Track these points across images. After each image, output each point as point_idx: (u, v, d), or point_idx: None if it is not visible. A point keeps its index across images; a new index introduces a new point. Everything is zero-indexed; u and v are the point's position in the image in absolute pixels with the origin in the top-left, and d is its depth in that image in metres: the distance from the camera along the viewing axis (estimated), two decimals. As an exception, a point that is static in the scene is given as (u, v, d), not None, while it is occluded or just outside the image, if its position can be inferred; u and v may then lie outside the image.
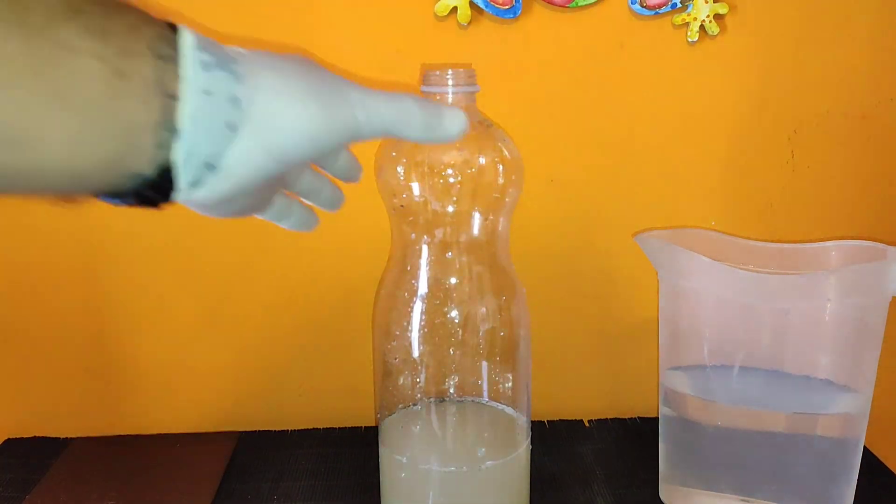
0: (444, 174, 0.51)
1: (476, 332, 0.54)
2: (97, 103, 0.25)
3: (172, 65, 0.27)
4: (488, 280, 0.54)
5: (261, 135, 0.29)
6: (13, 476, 0.66)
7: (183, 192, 0.29)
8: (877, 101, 0.70)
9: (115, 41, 0.26)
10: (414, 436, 0.55)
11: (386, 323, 0.54)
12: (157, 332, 0.72)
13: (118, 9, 0.27)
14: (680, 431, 0.59)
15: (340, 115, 0.32)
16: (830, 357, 0.56)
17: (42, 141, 0.24)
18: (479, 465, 0.52)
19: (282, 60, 0.31)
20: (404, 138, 0.36)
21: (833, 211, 0.72)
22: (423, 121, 0.35)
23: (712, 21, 0.66)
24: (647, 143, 0.70)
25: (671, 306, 0.59)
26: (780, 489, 0.56)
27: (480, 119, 0.52)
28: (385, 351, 0.55)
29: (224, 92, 0.28)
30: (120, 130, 0.26)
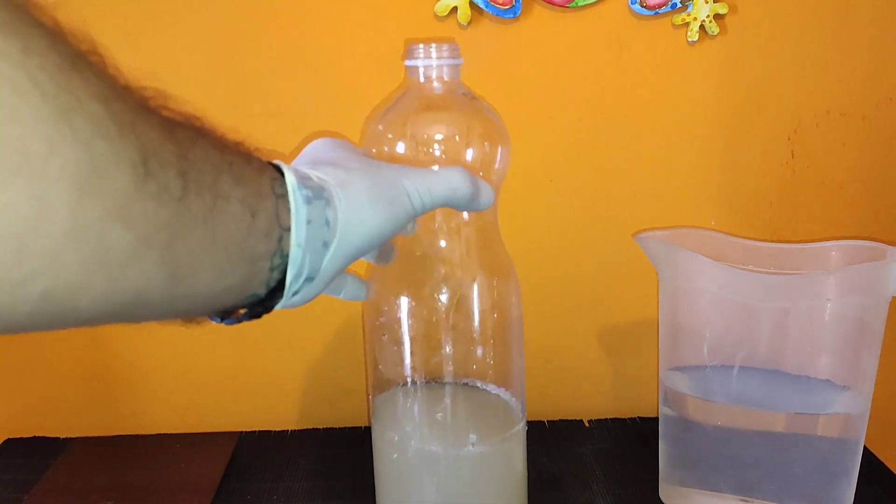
0: (430, 148, 0.50)
1: (467, 310, 0.53)
2: (237, 240, 0.29)
3: (285, 201, 0.31)
4: (477, 256, 0.53)
5: (344, 244, 0.34)
6: (13, 476, 0.66)
7: (284, 301, 0.34)
8: (877, 101, 0.70)
9: (252, 185, 0.30)
10: (405, 418, 0.55)
11: (375, 302, 0.53)
12: (156, 332, 0.72)
13: (248, 156, 0.31)
14: (680, 431, 0.59)
15: (401, 208, 0.37)
16: (830, 357, 0.55)
17: (196, 274, 0.28)
18: (472, 445, 0.52)
19: (349, 173, 0.36)
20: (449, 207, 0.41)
21: (833, 211, 0.72)
22: (468, 196, 0.40)
23: (712, 21, 0.66)
24: (646, 143, 0.70)
25: (671, 306, 0.59)
26: (780, 489, 0.56)
27: (465, 91, 0.52)
28: (374, 330, 0.54)
29: (321, 218, 0.33)
30: (249, 261, 0.30)
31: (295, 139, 0.68)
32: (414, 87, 0.52)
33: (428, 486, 0.53)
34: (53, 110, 0.21)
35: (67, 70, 0.22)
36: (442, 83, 0.51)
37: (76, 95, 0.22)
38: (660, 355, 0.61)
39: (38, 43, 0.22)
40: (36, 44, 0.22)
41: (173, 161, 0.26)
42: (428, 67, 0.50)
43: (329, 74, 0.66)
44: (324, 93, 0.67)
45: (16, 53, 0.21)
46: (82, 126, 0.22)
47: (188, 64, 0.66)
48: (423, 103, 0.51)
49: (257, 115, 0.67)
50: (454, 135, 0.51)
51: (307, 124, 0.67)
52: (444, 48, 0.50)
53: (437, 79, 0.51)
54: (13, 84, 0.21)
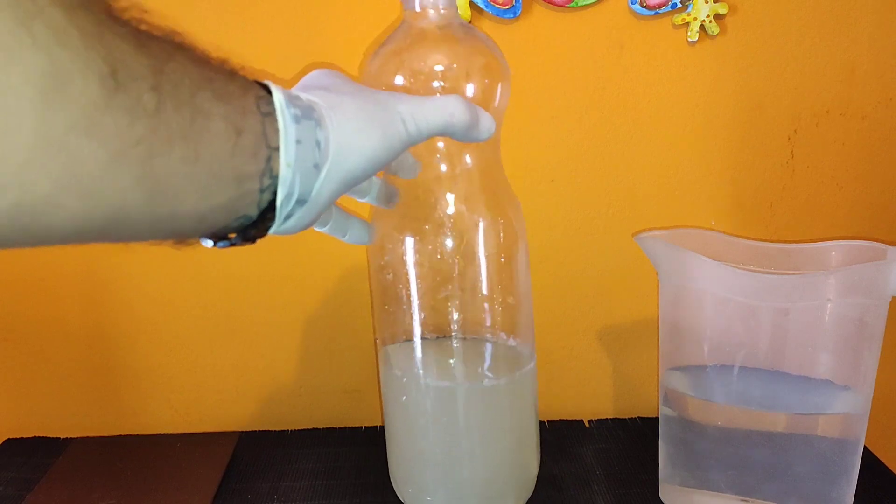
0: (429, 80, 0.49)
1: (473, 250, 0.52)
2: (221, 158, 0.28)
3: (272, 119, 0.31)
4: (482, 195, 0.52)
5: (336, 168, 0.34)
6: (13, 476, 0.66)
7: (278, 225, 0.33)
8: (877, 101, 0.70)
9: (235, 102, 0.29)
10: (415, 357, 0.54)
11: (379, 242, 0.53)
12: (157, 332, 0.72)
13: (232, 73, 0.30)
14: (680, 431, 0.59)
15: (395, 133, 0.36)
16: (830, 357, 0.55)
17: (179, 193, 0.27)
18: (482, 381, 0.51)
19: (340, 96, 0.35)
20: (447, 136, 0.40)
21: (833, 211, 0.72)
22: (466, 124, 0.39)
23: (712, 21, 0.66)
24: (646, 143, 0.70)
25: (671, 306, 0.59)
26: (780, 489, 0.56)
27: (461, 22, 0.51)
28: (379, 269, 0.53)
29: (311, 138, 0.32)
30: (236, 180, 0.29)
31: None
32: (409, 18, 0.50)
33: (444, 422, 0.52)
34: (12, 17, 0.21)
35: None
36: (438, 13, 0.49)
37: (37, 3, 0.22)
38: (660, 355, 0.61)
39: None
40: None
41: (146, 74, 0.25)
42: (423, 3, 0.48)
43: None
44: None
45: None
46: (42, 33, 0.22)
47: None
48: (420, 34, 0.49)
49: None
50: (452, 66, 0.49)
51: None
52: None
53: (432, 6, 0.49)
54: None
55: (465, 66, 0.50)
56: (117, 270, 0.71)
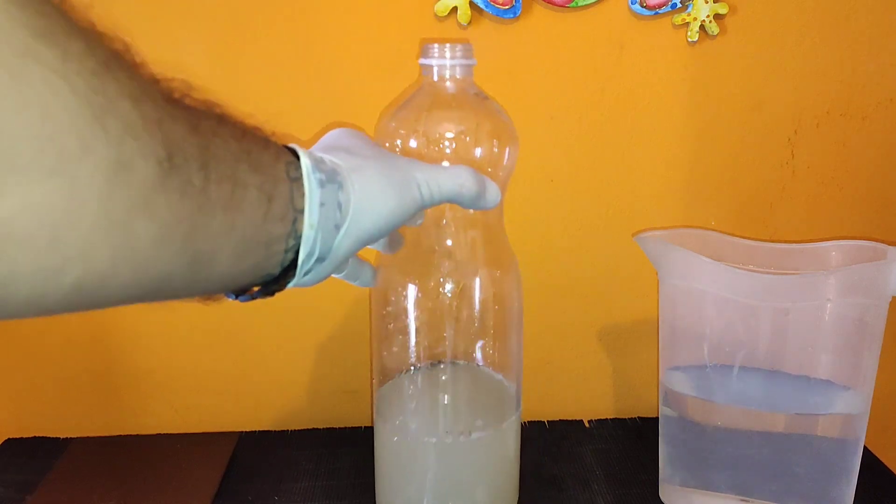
0: (441, 144, 0.52)
1: (469, 303, 0.54)
2: (255, 224, 0.30)
3: (299, 184, 0.32)
4: (482, 250, 0.55)
5: (355, 228, 0.35)
6: (13, 476, 0.66)
7: (297, 280, 0.34)
8: (877, 101, 0.70)
9: (268, 171, 0.31)
10: (406, 405, 0.56)
11: (382, 291, 0.55)
12: (157, 332, 0.72)
13: (265, 142, 0.32)
14: (680, 431, 0.59)
15: (410, 197, 0.38)
16: (830, 357, 0.56)
17: (215, 258, 0.29)
18: (468, 434, 0.53)
19: (362, 160, 0.37)
20: (456, 203, 0.42)
21: (833, 211, 0.72)
22: (474, 194, 0.42)
23: (712, 21, 0.66)
24: (646, 143, 0.70)
25: (671, 306, 0.59)
26: (780, 489, 0.56)
27: (476, 91, 0.53)
28: (381, 318, 0.55)
29: (333, 201, 0.34)
30: (265, 243, 0.31)
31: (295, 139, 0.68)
32: (427, 85, 0.53)
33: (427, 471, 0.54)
34: (88, 112, 0.23)
35: (102, 73, 0.24)
36: (455, 82, 0.52)
37: (109, 97, 0.23)
38: (660, 355, 0.61)
39: (75, 48, 0.23)
40: (74, 49, 0.23)
41: (196, 154, 0.27)
42: (441, 67, 0.52)
43: (330, 74, 0.66)
44: (325, 92, 0.67)
45: (54, 60, 0.22)
46: (114, 126, 0.23)
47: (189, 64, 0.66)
48: (436, 101, 0.52)
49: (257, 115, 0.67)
50: (465, 133, 0.52)
51: (308, 123, 0.67)
52: (458, 48, 0.52)
53: (450, 78, 0.52)
54: (53, 88, 0.22)
55: (476, 133, 0.53)
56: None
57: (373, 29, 0.66)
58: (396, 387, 0.56)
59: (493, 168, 0.53)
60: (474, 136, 0.52)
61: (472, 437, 0.53)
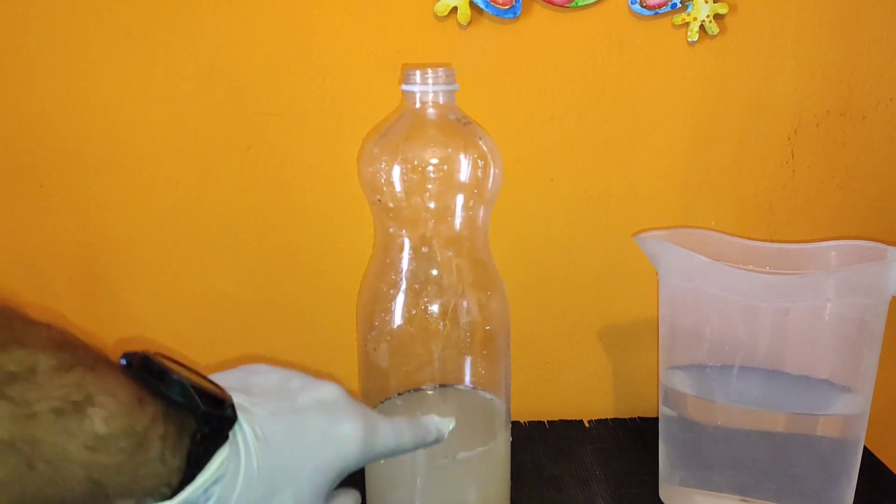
0: (423, 170, 0.52)
1: (456, 325, 0.54)
2: None
3: None
4: (468, 273, 0.55)
5: None
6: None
7: None
8: (877, 101, 0.70)
9: None
10: None
11: (368, 314, 0.55)
12: (157, 332, 0.72)
13: None
14: (680, 431, 0.59)
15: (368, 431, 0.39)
16: (830, 357, 0.55)
17: None
18: (456, 454, 0.53)
19: None
20: None
21: (833, 211, 0.72)
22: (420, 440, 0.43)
23: (712, 21, 0.66)
24: (646, 143, 0.70)
25: (671, 306, 0.59)
26: (780, 489, 0.56)
27: (459, 116, 0.53)
28: (367, 341, 0.55)
29: None
30: None
31: (295, 139, 0.68)
32: (409, 111, 0.53)
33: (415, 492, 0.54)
34: None
35: None
36: (437, 108, 0.52)
37: None
38: (660, 355, 0.61)
39: None
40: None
41: None
42: (424, 93, 0.51)
43: (329, 74, 0.66)
44: (323, 92, 0.67)
45: None
46: None
47: (189, 64, 0.66)
48: (418, 128, 0.52)
49: (257, 114, 0.67)
50: (448, 159, 0.52)
51: (307, 124, 0.67)
52: (440, 74, 0.51)
53: (432, 104, 0.52)
54: None
55: (459, 158, 0.53)
56: (117, 270, 0.71)
57: (373, 29, 0.65)
58: (384, 411, 0.56)
59: (478, 191, 0.53)
60: (457, 162, 0.52)
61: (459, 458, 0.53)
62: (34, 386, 0.27)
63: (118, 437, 0.28)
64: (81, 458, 0.28)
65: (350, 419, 0.37)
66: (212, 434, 0.31)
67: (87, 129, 0.67)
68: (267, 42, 0.65)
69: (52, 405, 0.27)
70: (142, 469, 0.29)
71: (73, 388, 0.28)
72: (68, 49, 0.65)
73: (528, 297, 0.73)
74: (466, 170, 0.52)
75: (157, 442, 0.30)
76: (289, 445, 0.34)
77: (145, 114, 0.67)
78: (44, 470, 0.27)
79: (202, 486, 0.31)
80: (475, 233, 0.55)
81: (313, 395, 0.37)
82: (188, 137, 0.67)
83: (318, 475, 0.35)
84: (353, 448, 0.37)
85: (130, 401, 0.29)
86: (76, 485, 0.28)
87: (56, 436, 0.27)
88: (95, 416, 0.28)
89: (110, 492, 0.29)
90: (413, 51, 0.66)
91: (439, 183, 0.52)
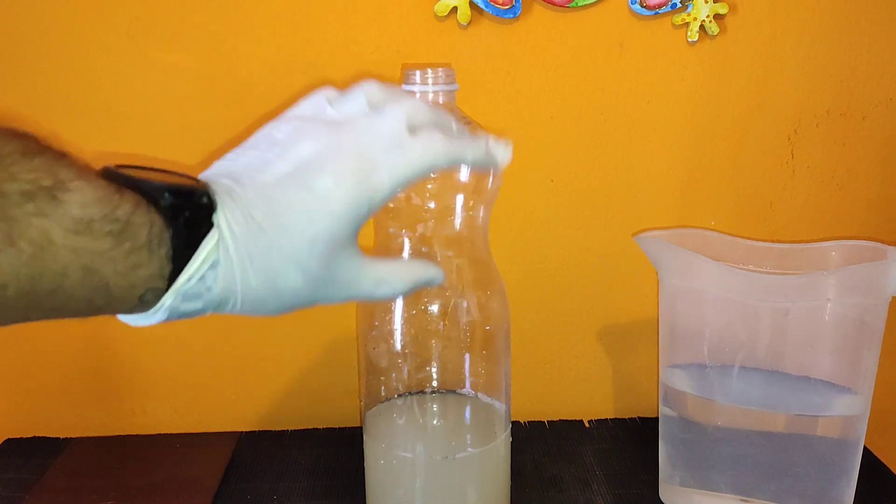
0: None
1: (456, 325, 0.54)
2: None
3: None
4: (468, 273, 0.55)
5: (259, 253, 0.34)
6: (13, 476, 0.66)
7: None
8: (877, 101, 0.70)
9: None
10: (394, 426, 0.56)
11: (368, 314, 0.55)
12: (156, 332, 0.72)
13: None
14: (680, 431, 0.59)
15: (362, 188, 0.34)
16: (830, 357, 0.55)
17: None
18: (456, 454, 0.53)
19: None
20: None
21: (833, 211, 0.72)
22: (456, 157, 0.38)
23: (712, 21, 0.66)
24: (646, 143, 0.70)
25: (671, 306, 0.59)
26: (780, 489, 0.56)
27: (460, 116, 0.53)
28: (367, 341, 0.55)
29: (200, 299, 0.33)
30: None
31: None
32: None
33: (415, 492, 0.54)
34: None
35: None
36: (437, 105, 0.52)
37: None
38: (660, 355, 0.61)
39: None
40: None
41: None
42: (424, 93, 0.51)
43: (329, 74, 0.66)
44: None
45: None
46: None
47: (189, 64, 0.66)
48: None
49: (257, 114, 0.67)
50: None
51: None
52: (440, 74, 0.51)
53: (432, 104, 0.51)
54: None
55: None
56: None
57: (373, 29, 0.65)
58: (384, 411, 0.56)
59: (478, 191, 0.53)
60: None
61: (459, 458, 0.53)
62: (1, 167, 0.27)
63: (100, 222, 0.28)
64: (67, 243, 0.27)
65: (329, 171, 0.34)
66: (192, 220, 0.31)
67: (88, 128, 0.67)
68: (267, 42, 0.65)
69: (21, 187, 0.27)
70: (132, 256, 0.29)
71: (42, 173, 0.27)
72: (68, 49, 0.65)
73: (528, 297, 0.73)
74: (466, 170, 0.52)
75: (142, 229, 0.29)
76: (273, 225, 0.33)
77: (145, 114, 0.67)
78: (28, 250, 0.26)
79: (196, 273, 0.31)
80: (475, 233, 0.55)
81: (290, 161, 0.34)
82: (188, 137, 0.67)
83: (319, 244, 0.33)
84: (342, 201, 0.33)
85: (108, 188, 0.29)
86: (71, 272, 0.28)
87: (31, 217, 0.27)
88: (71, 201, 0.28)
89: (110, 282, 0.29)
90: (413, 51, 0.66)
91: (439, 183, 0.52)
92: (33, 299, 0.28)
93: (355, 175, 0.34)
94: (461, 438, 0.56)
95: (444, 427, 0.57)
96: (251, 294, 0.34)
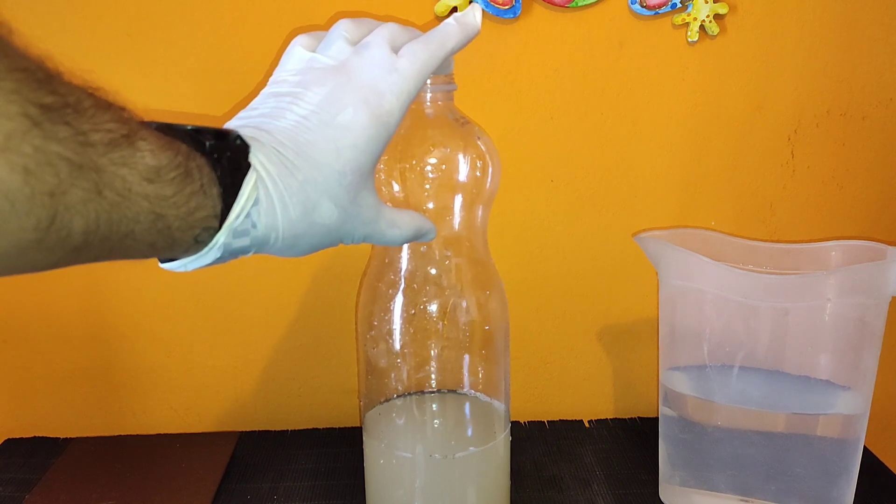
0: (422, 170, 0.52)
1: (455, 325, 0.54)
2: None
3: None
4: (467, 272, 0.55)
5: None
6: (13, 476, 0.66)
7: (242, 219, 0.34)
8: (877, 101, 0.70)
9: None
10: (394, 426, 0.56)
11: (367, 314, 0.55)
12: (156, 332, 0.72)
13: None
14: (680, 431, 0.59)
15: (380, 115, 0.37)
16: (830, 357, 0.55)
17: None
18: (455, 453, 0.53)
19: None
20: None
21: (833, 211, 0.72)
22: None
23: (712, 21, 0.66)
24: (647, 143, 0.70)
25: (671, 306, 0.59)
26: (780, 489, 0.56)
27: (457, 116, 0.53)
28: (366, 341, 0.56)
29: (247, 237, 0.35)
30: None
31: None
32: (407, 111, 0.52)
33: (414, 491, 0.54)
34: None
35: None
36: (435, 108, 0.52)
37: None
38: (660, 355, 0.61)
39: None
40: None
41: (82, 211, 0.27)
42: (422, 94, 0.51)
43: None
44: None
45: None
46: None
47: (189, 64, 0.66)
48: (416, 127, 0.52)
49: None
50: (445, 158, 0.52)
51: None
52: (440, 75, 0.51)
53: (430, 104, 0.52)
54: None
55: (458, 158, 0.53)
56: (117, 271, 0.71)
57: (373, 29, 0.65)
58: (384, 411, 0.56)
59: (477, 191, 0.53)
60: (456, 162, 0.53)
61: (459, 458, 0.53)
62: (85, 118, 0.28)
63: (168, 169, 0.30)
64: (142, 191, 0.29)
65: (347, 105, 0.37)
66: (233, 161, 0.33)
67: (87, 129, 0.67)
68: (267, 42, 0.65)
69: (105, 137, 0.28)
70: (192, 200, 0.31)
71: (117, 124, 0.29)
72: (68, 49, 0.65)
73: (528, 297, 0.73)
74: (465, 170, 0.52)
75: (196, 173, 0.31)
76: (304, 161, 0.35)
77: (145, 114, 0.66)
78: (112, 198, 0.28)
79: (242, 210, 0.33)
80: (474, 232, 0.55)
81: (305, 106, 0.37)
82: (188, 137, 0.67)
83: (347, 175, 0.36)
84: (363, 132, 0.36)
85: (165, 137, 0.31)
86: (143, 217, 0.29)
87: (116, 166, 0.28)
88: (145, 149, 0.29)
89: (173, 225, 0.30)
90: (413, 51, 0.66)
91: (438, 183, 0.52)
92: (107, 245, 0.29)
93: (368, 105, 0.37)
94: (461, 438, 0.56)
95: (444, 427, 0.57)
96: (291, 229, 0.35)
